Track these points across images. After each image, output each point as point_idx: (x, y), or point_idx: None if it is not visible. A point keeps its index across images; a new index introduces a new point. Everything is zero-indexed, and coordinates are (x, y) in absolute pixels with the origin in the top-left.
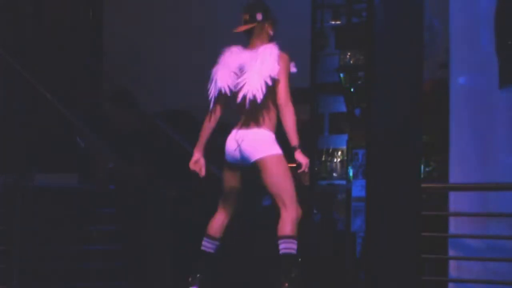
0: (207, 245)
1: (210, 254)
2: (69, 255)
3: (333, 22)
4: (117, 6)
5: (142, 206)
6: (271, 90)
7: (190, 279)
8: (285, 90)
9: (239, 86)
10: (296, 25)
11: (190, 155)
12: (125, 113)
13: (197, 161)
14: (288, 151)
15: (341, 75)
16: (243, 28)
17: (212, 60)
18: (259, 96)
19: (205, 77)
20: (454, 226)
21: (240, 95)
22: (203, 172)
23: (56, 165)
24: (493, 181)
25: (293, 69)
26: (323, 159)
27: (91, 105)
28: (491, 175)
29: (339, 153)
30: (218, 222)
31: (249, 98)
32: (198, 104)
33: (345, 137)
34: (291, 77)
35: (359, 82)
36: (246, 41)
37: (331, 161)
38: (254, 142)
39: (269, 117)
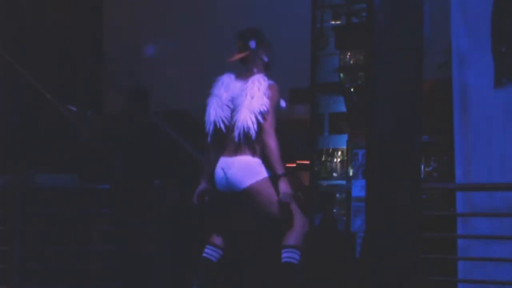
0: (208, 253)
1: (211, 263)
2: (69, 255)
3: (333, 22)
4: (117, 6)
5: (142, 207)
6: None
7: (187, 286)
8: (270, 123)
9: (233, 123)
10: (296, 25)
11: (190, 155)
12: (137, 112)
13: (203, 191)
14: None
15: (341, 75)
16: (236, 57)
17: (212, 60)
18: (252, 134)
19: (205, 77)
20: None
21: (236, 133)
22: (205, 200)
23: (56, 165)
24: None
25: (282, 104)
26: (323, 159)
27: (91, 105)
28: (495, 176)
29: (339, 153)
30: (220, 233)
31: (242, 136)
32: (198, 104)
33: (345, 137)
34: (278, 107)
35: (359, 82)
36: (241, 67)
37: (331, 161)
38: (240, 171)
39: (257, 143)
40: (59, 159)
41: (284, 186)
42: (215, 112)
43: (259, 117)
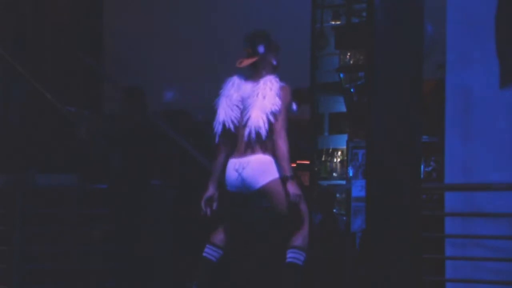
0: (209, 252)
1: (211, 262)
2: (69, 255)
3: (333, 22)
4: (117, 6)
5: (142, 206)
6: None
7: (187, 286)
8: (281, 124)
9: (243, 123)
10: (296, 25)
11: (190, 155)
12: (135, 111)
13: (212, 197)
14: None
15: (341, 75)
16: (246, 62)
17: (211, 60)
18: (263, 134)
19: (205, 77)
20: (450, 226)
21: (246, 132)
22: (214, 208)
23: (56, 165)
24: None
25: (294, 108)
26: (323, 159)
27: (91, 105)
28: (502, 176)
29: (339, 153)
30: (222, 233)
31: (253, 135)
32: (198, 104)
33: (345, 137)
34: (290, 109)
35: (359, 82)
36: (249, 72)
37: (331, 161)
38: (255, 170)
39: (268, 142)
40: (59, 159)
41: (293, 187)
42: (224, 112)
43: (271, 117)
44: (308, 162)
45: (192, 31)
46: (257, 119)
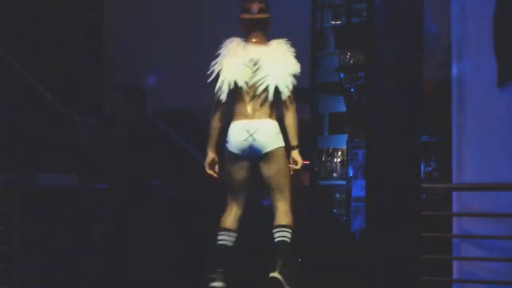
0: (224, 239)
1: (228, 247)
2: (69, 255)
3: (333, 22)
4: (117, 6)
5: (142, 206)
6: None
7: (213, 275)
8: (293, 93)
9: (257, 84)
10: (296, 25)
11: (190, 155)
12: (134, 111)
13: (213, 161)
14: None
15: (341, 75)
16: (258, 16)
17: (212, 60)
18: (286, 93)
19: (205, 77)
20: (457, 226)
21: (260, 93)
22: (216, 171)
23: (56, 165)
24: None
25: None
26: (323, 159)
27: (91, 105)
28: (494, 175)
29: (339, 153)
30: (231, 215)
31: (270, 96)
32: (198, 104)
33: (345, 137)
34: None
35: (359, 82)
36: (245, 32)
37: (331, 161)
38: (267, 134)
39: (275, 110)
40: (59, 159)
41: (298, 155)
42: (232, 71)
43: (293, 79)
44: (308, 162)
45: (192, 31)
46: (280, 79)
